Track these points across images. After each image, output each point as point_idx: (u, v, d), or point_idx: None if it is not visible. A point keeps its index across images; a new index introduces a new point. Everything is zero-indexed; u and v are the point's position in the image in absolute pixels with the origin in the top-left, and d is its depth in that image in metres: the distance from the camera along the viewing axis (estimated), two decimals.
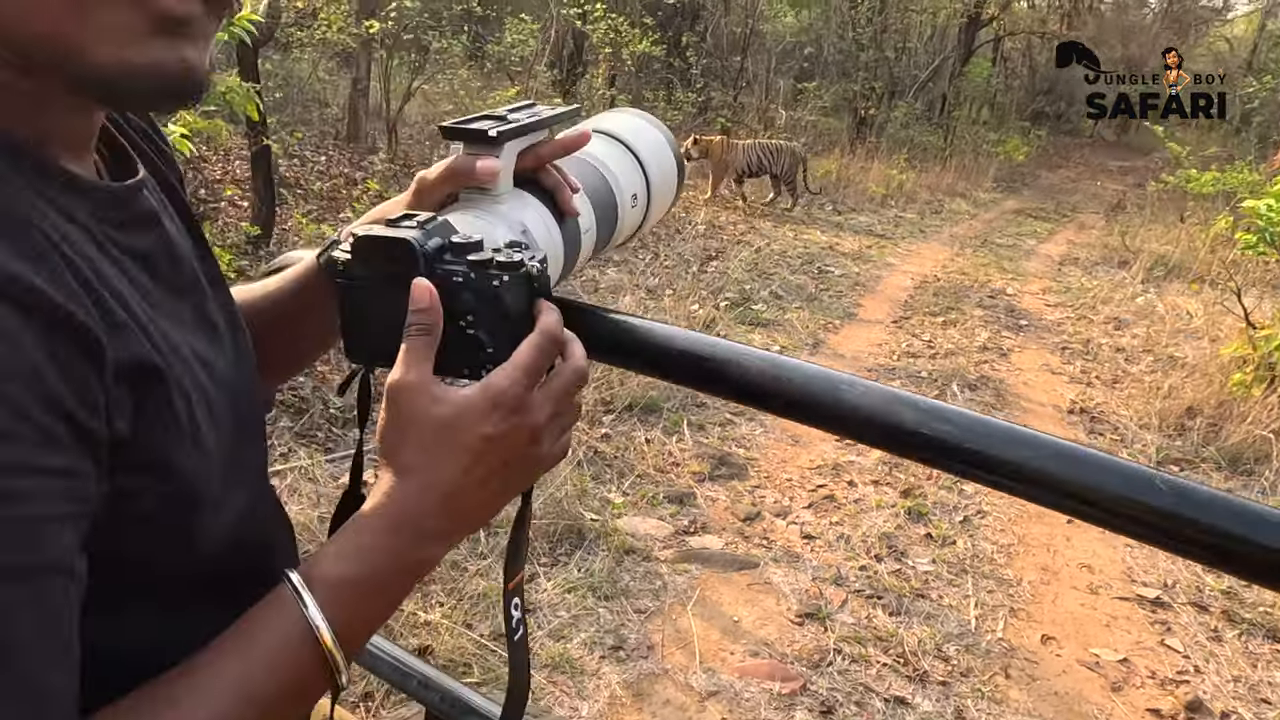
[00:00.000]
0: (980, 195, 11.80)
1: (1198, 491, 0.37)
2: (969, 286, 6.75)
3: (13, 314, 0.36)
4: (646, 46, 11.77)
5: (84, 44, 0.41)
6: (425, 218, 0.51)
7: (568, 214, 0.61)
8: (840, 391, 0.45)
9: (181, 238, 0.55)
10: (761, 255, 6.92)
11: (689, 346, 0.49)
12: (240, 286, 0.68)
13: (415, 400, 0.48)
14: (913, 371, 4.78)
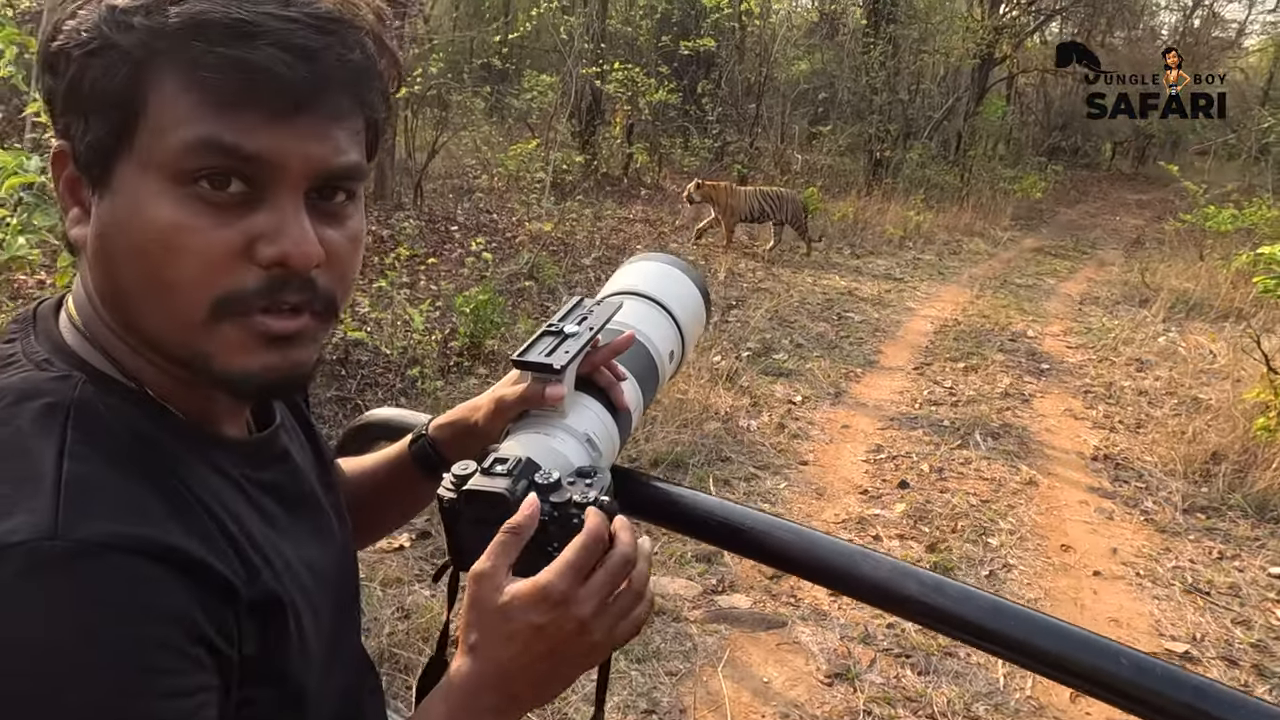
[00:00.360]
0: (998, 234, 11.86)
1: (1154, 666, 0.44)
2: (990, 330, 6.80)
3: (160, 574, 0.46)
4: (663, 95, 12.02)
5: (213, 355, 0.52)
6: (512, 463, 0.61)
7: (620, 409, 0.71)
8: (856, 563, 0.53)
9: (304, 456, 0.68)
10: (781, 303, 7.01)
11: (728, 517, 0.58)
12: (344, 461, 0.80)
13: (484, 586, 0.57)
14: (935, 420, 4.82)
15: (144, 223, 0.50)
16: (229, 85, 0.48)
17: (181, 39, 0.48)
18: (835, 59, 16.49)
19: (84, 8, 0.51)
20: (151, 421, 0.54)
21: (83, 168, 0.53)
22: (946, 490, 3.98)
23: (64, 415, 0.50)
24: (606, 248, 8.27)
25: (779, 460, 4.20)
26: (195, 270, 0.50)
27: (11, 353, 0.54)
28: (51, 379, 0.52)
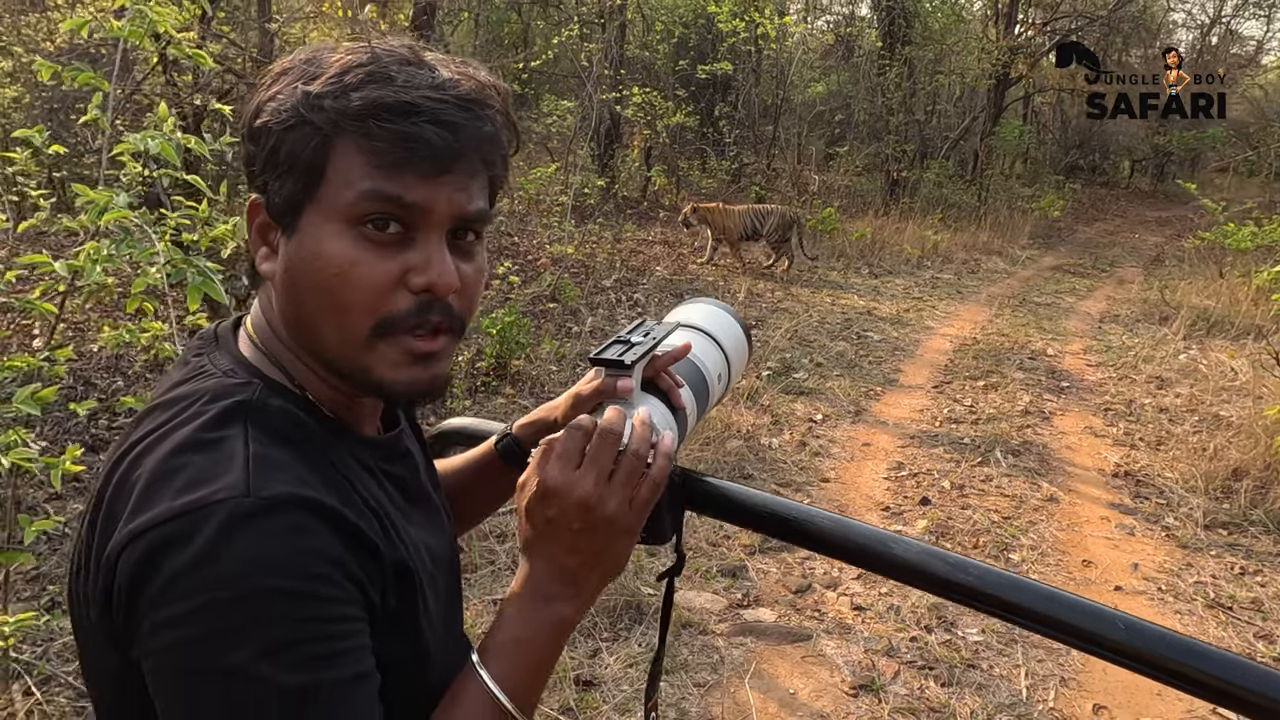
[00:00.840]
0: (1016, 252, 11.89)
1: (1147, 628, 0.51)
2: (1009, 348, 6.83)
3: (323, 526, 0.59)
4: (680, 118, 12.18)
5: (372, 369, 0.67)
6: None
7: (677, 408, 0.80)
8: (889, 546, 0.61)
9: (420, 457, 0.83)
10: (800, 323, 7.08)
11: (775, 509, 0.66)
12: (438, 462, 0.91)
13: (519, 496, 0.71)
14: (955, 438, 4.87)
15: (324, 258, 0.64)
16: (395, 151, 0.62)
17: (360, 117, 0.62)
18: (851, 80, 16.64)
19: (281, 92, 0.65)
20: (311, 418, 0.67)
21: (274, 216, 0.67)
22: (968, 507, 4.02)
23: (246, 412, 0.63)
24: (627, 269, 8.39)
25: (801, 477, 4.26)
26: (363, 295, 0.64)
27: (201, 364, 0.69)
28: (236, 384, 0.66)
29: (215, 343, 0.72)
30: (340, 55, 0.65)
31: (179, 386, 0.67)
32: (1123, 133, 21.46)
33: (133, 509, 0.58)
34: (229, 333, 0.73)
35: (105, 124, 1.56)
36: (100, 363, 4.34)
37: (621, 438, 0.68)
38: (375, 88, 0.62)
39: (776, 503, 0.66)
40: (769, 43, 13.11)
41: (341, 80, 0.63)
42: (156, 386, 0.73)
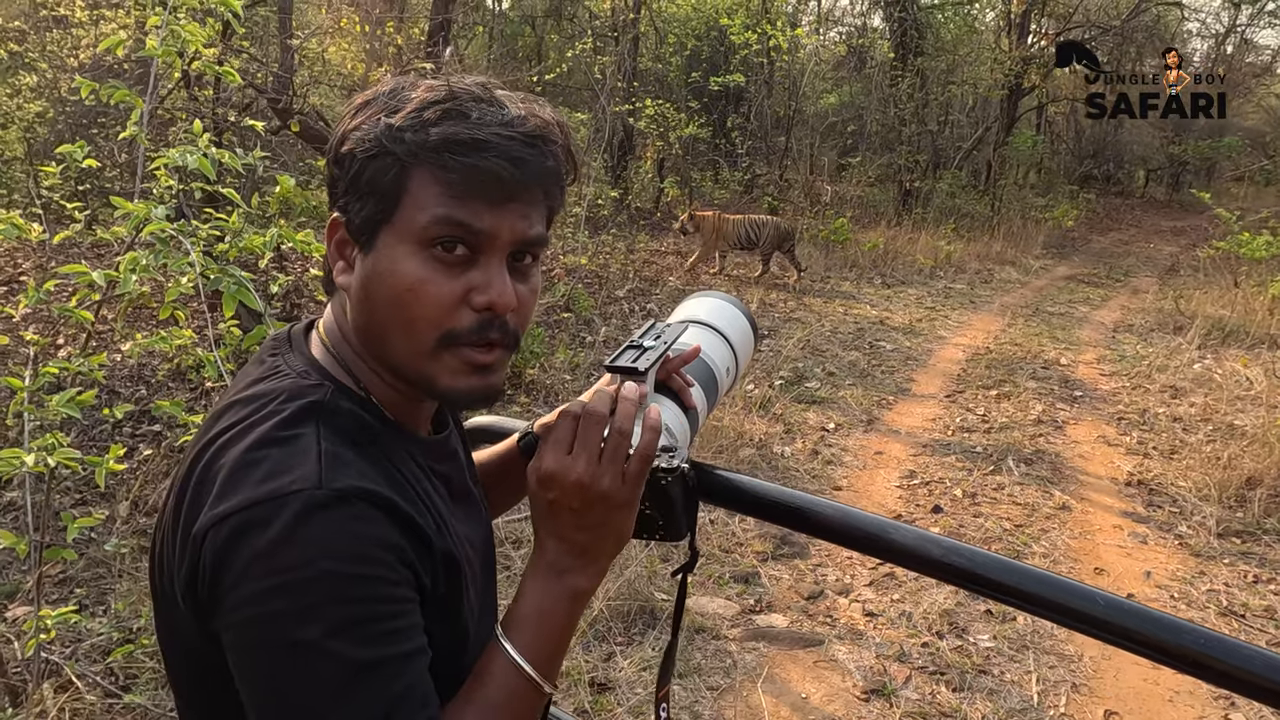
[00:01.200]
0: (1030, 262, 11.88)
1: (1125, 604, 0.56)
2: (1022, 358, 6.84)
3: (384, 517, 0.66)
4: (693, 130, 12.26)
5: (435, 377, 0.73)
6: None
7: (688, 407, 0.85)
8: (888, 532, 0.65)
9: (464, 456, 0.90)
10: (813, 332, 7.12)
11: (781, 498, 0.70)
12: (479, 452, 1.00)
13: (527, 481, 0.78)
14: (967, 446, 4.89)
15: (397, 274, 0.71)
16: (466, 182, 0.69)
17: (437, 150, 0.69)
18: (863, 91, 16.69)
19: (365, 123, 0.71)
20: (374, 420, 0.74)
21: (353, 234, 0.73)
22: (980, 515, 4.04)
23: (318, 412, 0.70)
24: (640, 279, 8.45)
25: (813, 485, 4.29)
26: (430, 310, 0.70)
27: (277, 364, 0.76)
28: (309, 385, 0.73)
29: (289, 344, 0.78)
30: (420, 91, 0.71)
31: (257, 384, 0.73)
32: (1137, 142, 21.41)
33: (217, 495, 0.64)
34: (301, 336, 0.80)
35: (143, 139, 1.63)
36: (125, 371, 4.43)
37: (606, 418, 0.73)
38: (451, 124, 0.69)
39: (782, 492, 0.71)
40: (781, 54, 13.19)
41: (421, 115, 0.69)
42: (234, 381, 0.80)
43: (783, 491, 0.71)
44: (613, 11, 13.40)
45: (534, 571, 0.75)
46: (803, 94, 14.31)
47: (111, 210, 1.85)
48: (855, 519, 0.67)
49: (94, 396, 1.50)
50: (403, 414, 0.78)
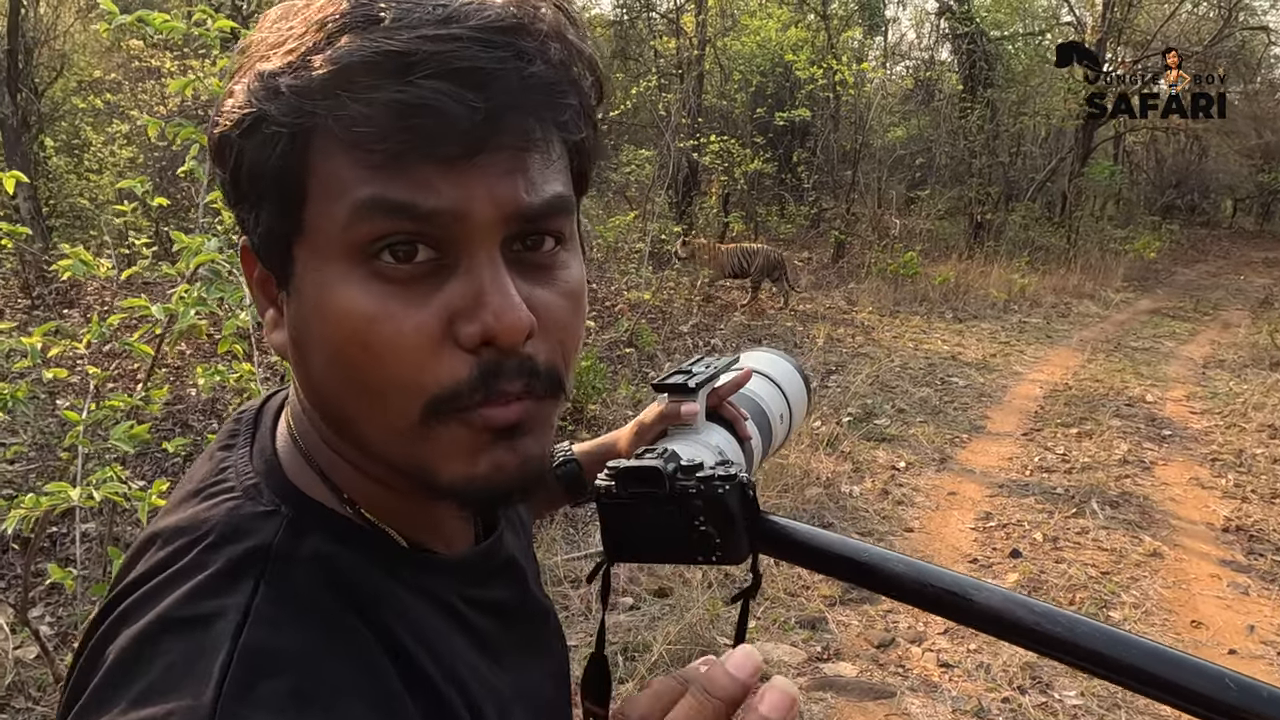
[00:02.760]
0: (1110, 295, 11.45)
1: (1260, 688, 0.46)
2: (1104, 395, 6.54)
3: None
4: (758, 165, 12.24)
5: (434, 463, 0.45)
6: (660, 450, 0.68)
7: (744, 438, 0.78)
8: (969, 593, 0.57)
9: (527, 558, 0.64)
10: (882, 368, 6.93)
11: (844, 550, 0.63)
12: None
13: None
14: (1047, 487, 4.66)
15: (331, 316, 0.43)
16: (389, 134, 0.40)
17: (329, 91, 0.40)
18: (932, 124, 16.47)
19: (238, 83, 0.44)
20: (360, 554, 0.47)
21: (265, 262, 0.47)
22: (1062, 561, 3.82)
23: (260, 566, 0.44)
24: (704, 314, 8.39)
25: (883, 527, 4.12)
26: (397, 369, 0.43)
27: (224, 468, 0.49)
28: (257, 515, 0.46)
29: (252, 428, 0.52)
30: (311, 9, 0.43)
31: (193, 501, 0.48)
32: (1223, 170, 20.62)
33: (85, 704, 0.41)
34: (271, 416, 0.53)
35: (201, 174, 1.65)
36: (197, 405, 4.54)
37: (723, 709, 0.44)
38: (353, 41, 0.40)
39: (845, 544, 0.63)
40: (847, 89, 13.11)
41: (306, 44, 0.42)
42: (178, 485, 0.53)
43: (846, 543, 0.63)
44: (678, 50, 13.54)
45: None
46: (869, 128, 14.17)
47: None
48: (930, 576, 0.59)
49: (148, 430, 1.51)
50: (414, 521, 0.51)
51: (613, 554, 0.70)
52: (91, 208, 9.18)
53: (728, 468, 0.67)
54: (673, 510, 0.66)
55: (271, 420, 0.53)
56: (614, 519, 0.68)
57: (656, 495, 0.64)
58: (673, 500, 0.66)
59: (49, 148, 10.21)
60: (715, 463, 0.68)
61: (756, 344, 7.48)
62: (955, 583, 0.58)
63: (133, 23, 1.64)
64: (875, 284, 10.32)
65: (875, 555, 0.62)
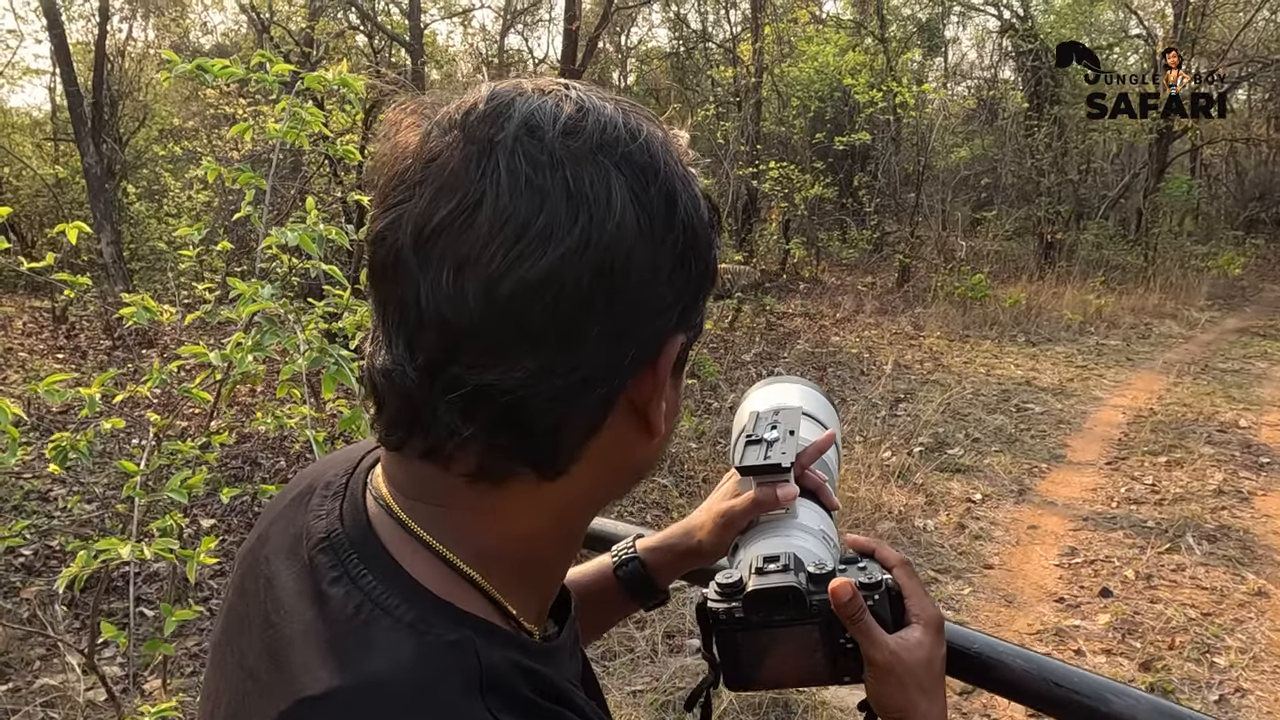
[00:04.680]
0: (1193, 315, 10.95)
1: None
2: (1193, 420, 6.20)
3: None
4: (818, 190, 12.10)
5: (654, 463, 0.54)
6: (785, 559, 0.60)
7: (832, 508, 0.70)
8: (1107, 699, 0.48)
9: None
10: (953, 395, 6.71)
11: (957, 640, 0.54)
12: None
13: (905, 657, 0.59)
14: (1136, 520, 4.40)
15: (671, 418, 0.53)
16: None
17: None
18: (997, 143, 16.11)
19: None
20: (532, 657, 0.47)
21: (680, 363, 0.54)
22: (1158, 600, 3.58)
23: (480, 697, 0.43)
24: (766, 343, 8.27)
25: (960, 563, 3.94)
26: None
27: (358, 604, 0.45)
28: (444, 645, 0.44)
29: (358, 551, 0.48)
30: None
31: (342, 650, 0.44)
32: None
33: None
34: (365, 527, 0.50)
35: (257, 220, 1.65)
36: (267, 443, 4.60)
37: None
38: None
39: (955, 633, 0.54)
40: (908, 111, 12.91)
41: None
42: (277, 641, 0.48)
43: (956, 632, 0.54)
44: (735, 79, 13.54)
45: None
46: (932, 149, 13.92)
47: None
48: (1056, 674, 0.50)
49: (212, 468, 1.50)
50: (530, 613, 0.52)
51: (739, 683, 0.62)
52: (170, 251, 9.54)
53: (865, 572, 0.59)
54: (811, 630, 0.58)
55: (370, 533, 0.49)
56: (738, 644, 0.60)
57: (795, 616, 0.57)
58: (813, 620, 0.58)
59: (131, 194, 10.67)
60: (840, 560, 0.61)
61: (824, 370, 7.33)
62: (1088, 684, 0.49)
63: (192, 70, 1.65)
64: (943, 308, 10.06)
65: (988, 646, 0.53)
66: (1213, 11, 15.42)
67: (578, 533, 0.53)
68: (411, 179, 0.44)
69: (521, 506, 0.48)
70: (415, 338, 0.44)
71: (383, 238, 0.45)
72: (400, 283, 0.44)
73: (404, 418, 0.46)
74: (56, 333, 7.81)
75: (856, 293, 11.39)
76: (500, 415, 0.44)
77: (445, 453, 0.46)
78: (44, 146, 14.63)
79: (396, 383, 0.45)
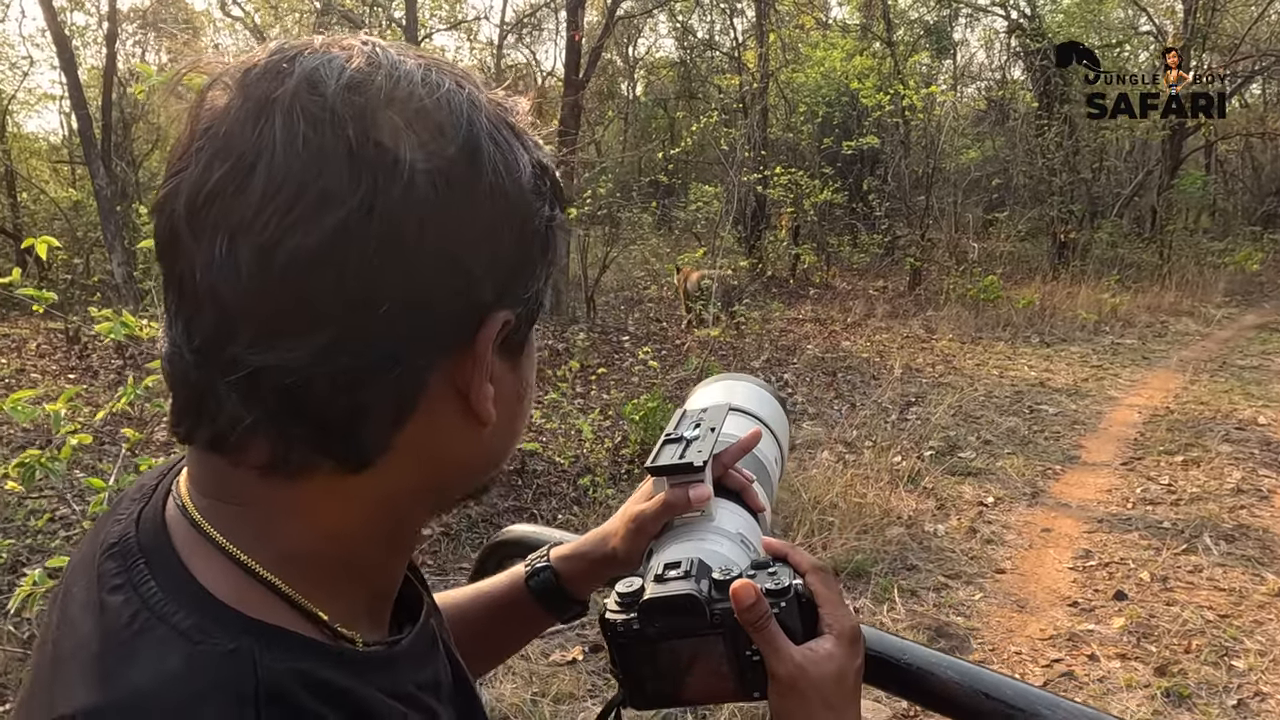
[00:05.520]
0: (1210, 312, 10.79)
1: None
2: (1210, 418, 6.09)
3: None
4: (827, 195, 12.04)
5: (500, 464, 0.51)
6: (686, 565, 0.56)
7: (757, 510, 0.65)
8: (1040, 712, 0.44)
9: (438, 624, 0.57)
10: (965, 398, 6.62)
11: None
12: (451, 591, 0.75)
13: (811, 670, 0.54)
14: (1152, 521, 4.31)
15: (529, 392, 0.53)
16: None
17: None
18: (1007, 144, 15.99)
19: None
20: (336, 666, 0.43)
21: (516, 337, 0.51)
22: (1174, 603, 3.50)
23: (253, 711, 0.39)
24: (775, 349, 8.21)
25: (971, 568, 3.87)
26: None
27: (133, 612, 0.41)
28: (218, 656, 0.39)
29: (141, 556, 0.44)
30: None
31: (104, 664, 0.40)
32: None
33: None
34: (159, 530, 0.45)
35: None
36: None
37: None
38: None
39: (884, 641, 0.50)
40: (916, 113, 12.84)
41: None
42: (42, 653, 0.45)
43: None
44: (740, 85, 13.53)
45: None
46: (941, 151, 13.83)
47: None
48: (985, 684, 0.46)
49: None
50: (353, 618, 0.47)
51: (641, 700, 0.57)
52: None
53: (774, 577, 0.54)
54: (715, 642, 0.54)
55: (160, 529, 0.45)
56: (637, 659, 0.56)
57: (695, 626, 0.53)
58: (715, 630, 0.53)
59: (143, 215, 10.76)
60: (750, 565, 0.56)
61: (834, 376, 7.27)
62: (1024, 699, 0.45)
63: (167, 80, 1.64)
64: (955, 310, 9.97)
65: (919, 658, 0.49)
66: (1223, 6, 15.27)
67: (405, 529, 0.49)
68: (189, 145, 0.41)
69: (325, 502, 0.44)
70: (193, 317, 0.41)
71: (160, 208, 0.41)
72: (177, 257, 0.41)
73: (190, 406, 0.43)
74: (69, 353, 7.87)
75: (867, 297, 11.31)
76: (285, 400, 0.40)
77: (231, 442, 0.42)
78: (60, 170, 14.83)
79: (177, 367, 0.42)
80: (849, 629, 0.56)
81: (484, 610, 0.75)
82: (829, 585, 0.58)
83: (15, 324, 9.38)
